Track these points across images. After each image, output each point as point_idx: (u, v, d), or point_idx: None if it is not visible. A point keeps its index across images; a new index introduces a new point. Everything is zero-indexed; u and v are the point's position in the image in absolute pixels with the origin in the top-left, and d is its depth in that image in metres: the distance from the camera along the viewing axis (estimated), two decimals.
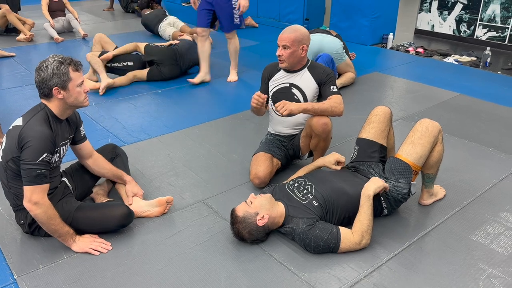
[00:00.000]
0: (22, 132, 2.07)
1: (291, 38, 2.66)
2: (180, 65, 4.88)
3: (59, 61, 2.13)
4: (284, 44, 2.68)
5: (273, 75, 2.91)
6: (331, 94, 2.70)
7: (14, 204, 2.26)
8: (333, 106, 2.61)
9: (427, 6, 6.94)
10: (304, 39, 2.70)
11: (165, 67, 4.78)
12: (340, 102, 2.65)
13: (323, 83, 2.75)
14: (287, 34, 2.68)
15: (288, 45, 2.67)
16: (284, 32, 2.71)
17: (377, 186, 2.24)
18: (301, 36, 2.69)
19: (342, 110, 2.64)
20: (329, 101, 2.64)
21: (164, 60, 4.77)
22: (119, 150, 2.78)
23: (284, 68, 2.82)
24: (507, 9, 6.03)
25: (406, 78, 5.05)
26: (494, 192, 2.78)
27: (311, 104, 2.63)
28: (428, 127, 2.39)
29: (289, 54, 2.69)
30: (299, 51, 2.70)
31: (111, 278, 2.07)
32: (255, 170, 2.77)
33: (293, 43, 2.67)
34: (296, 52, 2.70)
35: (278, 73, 2.88)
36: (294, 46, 2.68)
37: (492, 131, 3.65)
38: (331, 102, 2.63)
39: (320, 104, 2.62)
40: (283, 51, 2.70)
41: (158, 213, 2.50)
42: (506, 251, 2.26)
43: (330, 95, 2.69)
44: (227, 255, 2.22)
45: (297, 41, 2.67)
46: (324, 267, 2.14)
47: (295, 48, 2.68)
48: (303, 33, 2.71)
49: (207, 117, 3.90)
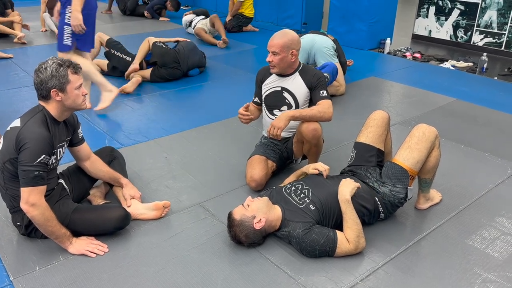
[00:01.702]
0: (20, 134, 2.07)
1: (280, 44, 2.66)
2: (182, 67, 4.91)
3: (58, 64, 2.13)
4: (274, 50, 2.67)
5: (266, 79, 2.91)
6: (320, 99, 2.71)
7: (11, 206, 2.25)
8: (321, 111, 2.63)
9: (425, 12, 6.98)
10: (293, 44, 2.69)
11: (166, 69, 4.82)
12: (329, 106, 2.66)
13: (313, 88, 2.76)
14: (276, 41, 2.67)
15: (277, 51, 2.66)
16: (273, 38, 2.70)
17: (351, 188, 2.25)
18: (290, 42, 2.68)
19: (331, 115, 2.65)
20: (317, 106, 2.66)
21: (166, 63, 4.80)
22: (116, 153, 2.78)
23: (275, 73, 2.83)
24: (503, 15, 6.07)
25: (403, 83, 5.07)
26: (490, 197, 2.79)
27: (299, 111, 2.65)
28: (425, 132, 2.40)
29: (279, 60, 2.69)
30: (288, 57, 2.70)
31: (108, 280, 2.07)
32: (251, 173, 2.78)
33: (282, 49, 2.66)
34: (285, 58, 2.69)
35: (270, 77, 2.89)
36: (284, 52, 2.67)
37: (488, 136, 3.67)
38: (320, 108, 2.64)
39: (308, 110, 2.64)
40: (273, 57, 2.70)
41: (155, 216, 2.50)
42: (502, 256, 2.28)
43: (319, 100, 2.71)
44: (223, 258, 2.22)
45: (286, 47, 2.66)
46: (321, 270, 2.14)
47: (284, 54, 2.68)
48: (292, 38, 2.69)
49: (204, 120, 3.91)
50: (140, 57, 4.79)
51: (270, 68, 2.79)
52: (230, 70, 5.46)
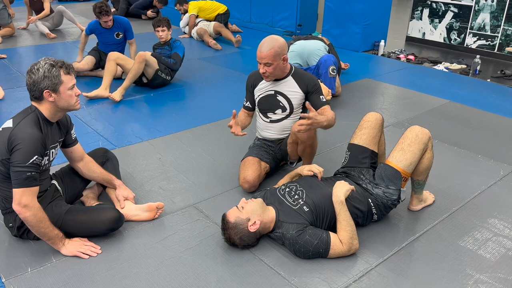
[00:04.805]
0: (12, 135, 2.06)
1: (272, 54, 2.61)
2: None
3: (51, 64, 2.12)
4: (266, 62, 2.63)
5: (257, 83, 2.90)
6: (322, 105, 2.73)
7: (3, 207, 2.24)
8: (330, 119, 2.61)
9: (419, 14, 7.02)
10: (283, 50, 2.66)
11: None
12: (334, 114, 2.67)
13: (310, 92, 2.77)
14: (266, 52, 2.61)
15: (270, 61, 2.63)
16: (262, 48, 2.63)
17: (345, 190, 2.25)
18: (279, 49, 2.64)
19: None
20: (327, 116, 2.62)
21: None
22: (110, 154, 2.77)
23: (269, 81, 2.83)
24: (496, 18, 6.11)
25: (397, 85, 5.09)
26: (482, 198, 2.81)
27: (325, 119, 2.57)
28: (418, 134, 2.41)
29: (273, 69, 2.67)
30: (280, 63, 2.68)
31: (100, 282, 2.06)
32: (244, 175, 2.78)
33: (274, 58, 2.63)
34: (278, 65, 2.68)
35: (262, 81, 2.87)
36: (276, 61, 2.64)
37: (481, 138, 3.69)
38: (332, 115, 2.64)
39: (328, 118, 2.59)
40: (266, 68, 2.66)
41: (148, 218, 2.50)
42: (494, 257, 2.29)
43: (322, 106, 2.72)
44: (217, 260, 2.22)
45: (277, 55, 2.63)
46: (314, 271, 2.14)
47: (277, 62, 2.65)
48: (280, 45, 2.65)
49: (198, 121, 3.90)
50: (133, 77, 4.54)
51: (264, 78, 2.77)
52: (224, 71, 5.46)
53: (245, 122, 2.97)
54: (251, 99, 2.96)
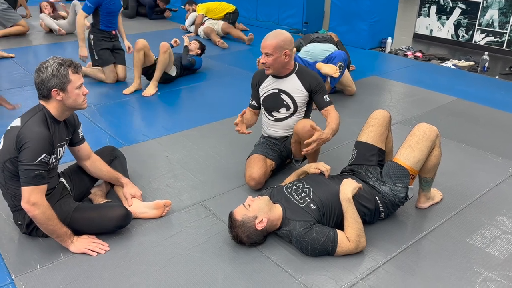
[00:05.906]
0: (20, 133, 2.07)
1: (273, 45, 2.63)
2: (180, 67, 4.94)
3: (59, 63, 2.14)
4: (266, 51, 2.65)
5: (262, 82, 2.90)
6: (326, 105, 2.74)
7: (12, 205, 2.26)
8: (337, 123, 2.66)
9: (426, 11, 6.97)
10: (286, 44, 2.66)
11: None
12: (338, 115, 2.70)
13: (314, 92, 2.77)
14: (269, 41, 2.64)
15: (270, 52, 2.64)
16: (266, 39, 2.67)
17: (353, 187, 2.25)
18: (283, 42, 2.65)
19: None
20: (332, 122, 2.65)
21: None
22: (117, 152, 2.78)
23: (270, 74, 2.83)
24: (505, 14, 6.06)
25: (404, 82, 5.07)
26: (490, 196, 2.79)
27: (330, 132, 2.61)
28: (425, 132, 2.40)
29: (273, 60, 2.67)
30: (282, 57, 2.68)
31: (109, 279, 2.08)
32: (249, 172, 2.78)
33: (275, 49, 2.64)
34: (279, 58, 2.67)
35: (266, 79, 2.88)
36: (276, 53, 2.65)
37: (489, 135, 3.66)
38: (336, 119, 2.66)
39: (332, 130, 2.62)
40: (266, 58, 2.67)
41: (156, 215, 2.51)
42: (502, 255, 2.27)
43: (326, 106, 2.73)
44: (224, 257, 2.23)
45: (279, 47, 2.64)
46: (321, 269, 2.14)
47: (277, 55, 2.65)
48: (284, 39, 2.66)
49: (205, 119, 3.91)
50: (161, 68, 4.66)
51: (265, 70, 2.78)
52: (230, 69, 5.46)
53: (251, 120, 2.98)
54: (256, 98, 2.97)
